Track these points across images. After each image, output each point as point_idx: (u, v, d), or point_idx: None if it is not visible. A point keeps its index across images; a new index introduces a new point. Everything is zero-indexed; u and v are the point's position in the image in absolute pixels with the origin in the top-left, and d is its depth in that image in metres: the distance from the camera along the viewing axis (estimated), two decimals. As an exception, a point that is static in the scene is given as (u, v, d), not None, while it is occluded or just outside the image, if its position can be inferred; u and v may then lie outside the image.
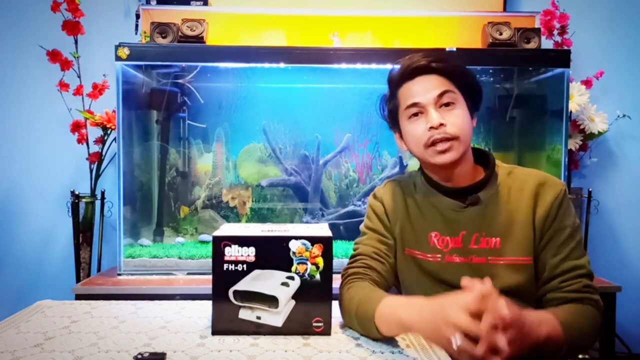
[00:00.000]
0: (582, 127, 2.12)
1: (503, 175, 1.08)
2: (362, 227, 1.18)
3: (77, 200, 2.01)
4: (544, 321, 0.88)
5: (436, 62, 1.04)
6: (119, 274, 1.85)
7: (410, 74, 1.05)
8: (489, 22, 1.94)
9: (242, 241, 0.94)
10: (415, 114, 1.05)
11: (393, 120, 1.12)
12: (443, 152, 1.02)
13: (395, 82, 1.08)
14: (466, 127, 1.03)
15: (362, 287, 1.02)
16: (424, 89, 1.03)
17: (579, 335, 0.93)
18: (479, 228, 1.05)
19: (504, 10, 2.25)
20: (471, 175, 1.09)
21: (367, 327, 0.94)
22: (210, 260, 0.94)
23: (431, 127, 1.01)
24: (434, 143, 1.02)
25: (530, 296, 1.03)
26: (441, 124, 1.01)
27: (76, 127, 2.05)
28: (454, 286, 1.05)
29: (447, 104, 1.03)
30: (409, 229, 1.11)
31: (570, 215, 1.04)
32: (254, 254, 0.94)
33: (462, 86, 1.05)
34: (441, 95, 1.02)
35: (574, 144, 2.11)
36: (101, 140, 2.08)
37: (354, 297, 0.99)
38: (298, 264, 0.95)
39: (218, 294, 0.95)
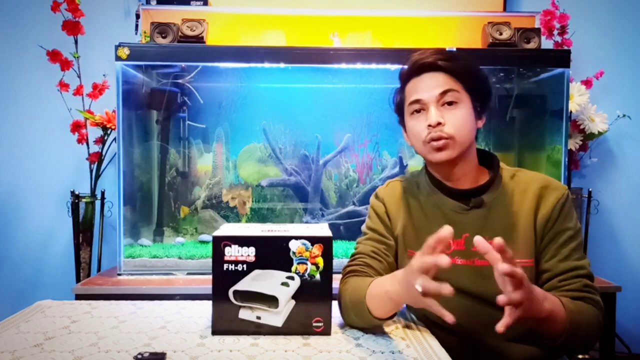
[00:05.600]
0: (582, 127, 2.12)
1: (507, 178, 1.08)
2: (363, 227, 1.19)
3: (77, 200, 2.01)
4: (549, 297, 0.89)
5: (443, 60, 1.03)
6: (119, 274, 1.85)
7: (417, 70, 1.06)
8: (489, 22, 1.94)
9: (242, 241, 0.94)
10: (418, 111, 1.06)
11: (400, 114, 1.13)
12: (439, 149, 1.03)
13: (404, 77, 1.09)
14: (465, 128, 1.03)
15: (355, 279, 1.05)
16: (428, 86, 1.04)
17: (581, 326, 0.93)
18: (481, 231, 1.04)
19: (504, 10, 2.25)
20: (475, 176, 1.09)
21: (360, 311, 0.97)
22: (210, 260, 0.94)
23: (429, 125, 1.02)
24: (431, 140, 1.03)
25: None
26: (439, 123, 1.01)
27: (76, 127, 2.05)
28: (456, 288, 1.05)
29: (449, 103, 1.03)
30: (411, 229, 1.11)
31: (571, 218, 1.04)
32: (254, 254, 0.94)
33: (469, 86, 1.05)
34: (444, 93, 1.03)
35: (574, 144, 2.11)
36: (101, 140, 2.08)
37: (348, 288, 1.03)
38: (298, 264, 0.95)
39: (218, 294, 0.95)
